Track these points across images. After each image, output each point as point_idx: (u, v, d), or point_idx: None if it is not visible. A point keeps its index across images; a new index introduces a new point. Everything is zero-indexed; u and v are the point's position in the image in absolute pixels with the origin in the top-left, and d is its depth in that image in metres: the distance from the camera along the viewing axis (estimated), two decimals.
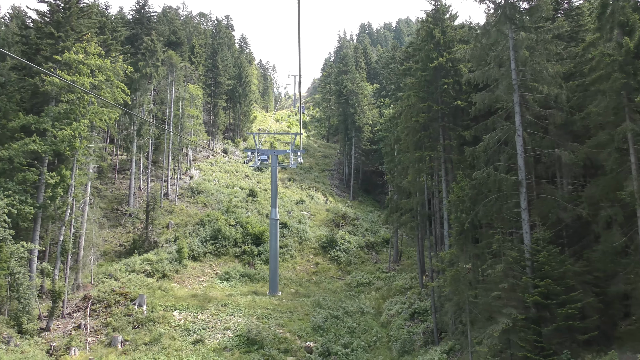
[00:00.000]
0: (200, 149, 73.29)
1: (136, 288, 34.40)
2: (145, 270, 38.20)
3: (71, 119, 29.37)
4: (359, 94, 75.30)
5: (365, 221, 59.40)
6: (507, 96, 20.64)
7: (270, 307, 34.10)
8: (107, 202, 50.00)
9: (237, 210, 51.18)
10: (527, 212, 19.49)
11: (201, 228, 47.34)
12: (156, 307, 31.33)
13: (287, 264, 45.84)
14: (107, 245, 44.18)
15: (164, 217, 49.37)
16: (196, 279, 40.07)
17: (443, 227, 28.18)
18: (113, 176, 54.35)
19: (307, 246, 49.21)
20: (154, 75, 46.98)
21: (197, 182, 57.48)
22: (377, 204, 72.04)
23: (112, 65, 33.09)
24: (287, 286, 41.42)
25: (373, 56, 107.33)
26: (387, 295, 38.97)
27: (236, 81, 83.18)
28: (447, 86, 27.93)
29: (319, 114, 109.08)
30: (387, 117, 67.38)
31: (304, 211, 57.19)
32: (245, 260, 44.80)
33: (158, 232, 46.75)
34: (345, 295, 39.33)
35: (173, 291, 35.57)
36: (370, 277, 43.35)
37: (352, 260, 47.78)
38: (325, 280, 43.65)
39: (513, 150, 20.42)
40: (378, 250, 51.21)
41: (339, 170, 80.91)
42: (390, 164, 44.10)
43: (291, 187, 66.61)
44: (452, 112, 28.42)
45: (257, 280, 41.59)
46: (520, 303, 18.24)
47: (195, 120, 62.22)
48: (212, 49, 78.64)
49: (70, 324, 28.99)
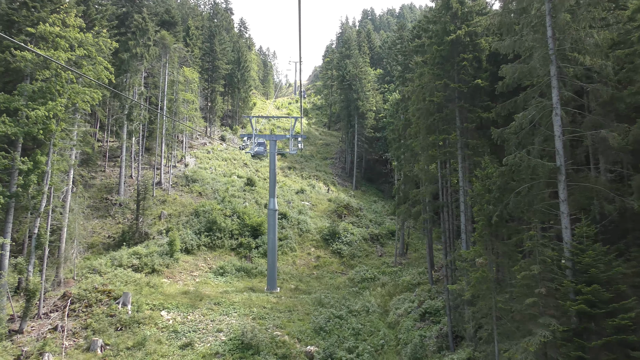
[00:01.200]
0: (197, 136, 70.33)
1: (122, 284, 31.63)
2: (133, 264, 35.42)
3: (47, 98, 26.34)
4: (362, 79, 72.14)
5: (369, 212, 56.55)
6: (542, 68, 17.60)
7: (268, 305, 31.34)
8: (96, 191, 47.15)
9: (234, 200, 48.32)
10: (566, 203, 16.56)
11: (195, 219, 44.53)
12: (142, 306, 28.54)
13: (287, 258, 43.07)
14: (94, 237, 41.40)
15: (156, 207, 46.57)
16: (189, 273, 37.30)
17: (459, 220, 25.27)
18: (103, 164, 51.42)
19: (308, 238, 46.40)
20: (145, 56, 43.83)
21: (192, 170, 54.55)
22: (380, 194, 69.19)
23: (95, 39, 29.99)
24: (287, 281, 38.68)
25: (376, 41, 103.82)
26: (394, 291, 36.23)
27: (234, 66, 79.99)
28: (466, 62, 24.86)
29: (320, 101, 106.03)
30: (393, 102, 64.37)
31: (305, 201, 54.33)
32: (242, 254, 42.02)
33: (149, 223, 43.99)
34: (348, 292, 36.58)
35: (162, 288, 32.79)
36: (375, 272, 40.58)
37: (356, 253, 44.98)
38: (327, 275, 40.89)
39: (549, 132, 17.44)
40: (383, 242, 48.38)
41: (341, 158, 77.97)
42: (397, 151, 41.13)
43: (291, 175, 63.69)
44: (471, 91, 25.37)
45: (254, 275, 38.83)
46: (561, 312, 15.39)
47: (190, 105, 59.19)
48: (209, 31, 75.27)
49: (46, 326, 26.22)
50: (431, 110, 26.48)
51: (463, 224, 25.06)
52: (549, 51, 17.53)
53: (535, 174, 17.17)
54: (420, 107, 26.97)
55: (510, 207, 17.33)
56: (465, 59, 24.95)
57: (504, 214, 17.39)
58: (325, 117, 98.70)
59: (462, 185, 25.15)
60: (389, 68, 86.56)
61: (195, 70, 62.39)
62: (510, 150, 18.14)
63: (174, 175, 53.01)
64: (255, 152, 39.35)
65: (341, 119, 79.08)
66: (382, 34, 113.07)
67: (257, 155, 38.18)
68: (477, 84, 24.45)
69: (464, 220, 25.09)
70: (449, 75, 26.05)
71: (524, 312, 15.94)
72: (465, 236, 24.93)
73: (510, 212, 17.44)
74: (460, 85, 24.79)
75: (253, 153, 39.50)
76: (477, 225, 18.14)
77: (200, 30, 73.91)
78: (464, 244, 24.94)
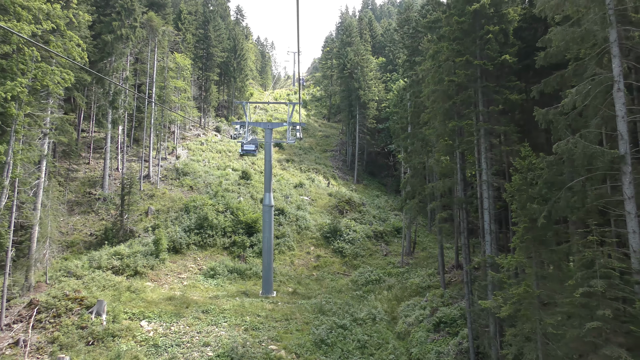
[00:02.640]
0: (190, 126, 66.82)
1: (98, 290, 28.22)
2: (114, 266, 32.00)
3: (6, 78, 22.81)
4: (364, 67, 68.53)
5: (372, 207, 53.17)
6: (601, 31, 14.11)
7: (263, 313, 27.93)
8: (79, 184, 43.68)
9: (228, 195, 44.84)
10: (633, 201, 13.14)
11: (185, 215, 41.08)
12: (119, 316, 25.12)
13: (284, 257, 39.69)
14: (75, 235, 37.99)
15: (143, 202, 43.14)
16: (176, 275, 33.90)
17: (483, 219, 21.83)
18: (87, 155, 47.95)
19: (307, 236, 42.99)
20: (131, 38, 40.16)
21: (184, 162, 51.03)
22: (383, 188, 65.82)
23: (65, 12, 26.38)
24: (284, 284, 35.30)
25: (378, 29, 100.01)
26: (402, 296, 32.90)
27: (230, 54, 76.29)
28: (491, 35, 21.33)
29: (320, 92, 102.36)
30: (398, 90, 60.87)
31: (304, 196, 50.90)
32: (235, 253, 38.61)
33: (135, 219, 40.61)
34: (352, 296, 33.22)
35: (145, 293, 29.36)
36: (381, 273, 37.22)
37: (359, 252, 41.59)
38: (328, 276, 37.53)
39: (610, 112, 13.97)
40: (388, 240, 44.99)
41: (342, 151, 74.49)
42: (405, 142, 37.67)
43: (289, 168, 60.22)
44: (496, 69, 21.87)
45: (248, 277, 35.44)
46: (633, 340, 12.00)
47: (182, 94, 55.61)
48: (203, 17, 71.47)
49: (6, 339, 22.82)
50: (450, 92, 22.98)
51: (487, 224, 21.61)
52: (606, 11, 14.05)
53: (592, 164, 13.72)
54: (437, 89, 23.47)
55: (561, 206, 13.88)
56: (490, 32, 21.41)
57: (552, 215, 13.95)
58: (324, 109, 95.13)
59: (485, 179, 21.69)
60: (392, 56, 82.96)
61: (188, 57, 58.74)
62: (559, 135, 14.67)
63: (164, 168, 49.53)
64: (244, 150, 33.95)
65: (341, 110, 75.54)
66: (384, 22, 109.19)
67: (248, 153, 34.02)
68: (504, 60, 20.95)
69: (487, 219, 21.65)
70: (471, 51, 22.54)
71: (583, 340, 12.53)
72: (489, 238, 21.50)
73: (561, 212, 13.98)
74: (485, 63, 21.26)
75: (242, 152, 34.06)
76: (516, 227, 14.69)
77: (194, 16, 70.15)
78: (487, 247, 21.52)
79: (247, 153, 33.93)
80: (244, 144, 33.31)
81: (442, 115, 23.53)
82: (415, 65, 35.98)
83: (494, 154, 21.55)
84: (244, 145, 33.41)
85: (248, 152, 33.99)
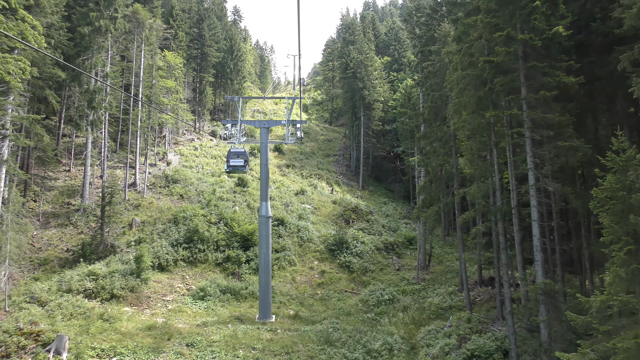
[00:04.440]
0: (184, 131, 62.70)
1: (64, 320, 23.83)
2: (87, 289, 27.62)
3: None
4: (368, 66, 64.42)
5: (380, 215, 48.80)
6: None
7: (259, 345, 23.48)
8: (57, 194, 39.44)
9: (222, 204, 40.52)
10: None
11: (174, 227, 36.75)
12: (85, 353, 20.74)
13: (285, 274, 35.30)
14: (49, 250, 33.75)
15: (127, 212, 38.87)
16: (160, 298, 29.51)
17: (532, 232, 17.44)
18: (68, 162, 43.74)
19: (310, 249, 38.59)
20: (110, 30, 35.96)
21: (174, 169, 46.74)
22: (390, 194, 61.52)
23: None
24: (284, 305, 30.91)
25: (381, 28, 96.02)
26: (421, 319, 28.48)
27: (227, 54, 72.19)
28: (538, 2, 17.01)
29: (321, 96, 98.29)
30: (404, 90, 56.76)
31: (306, 204, 46.57)
32: (229, 270, 34.24)
33: (118, 232, 36.34)
34: (362, 320, 28.77)
35: (121, 321, 24.94)
36: (394, 291, 32.81)
37: (368, 267, 37.17)
38: (334, 295, 33.12)
39: None
40: (400, 253, 40.57)
41: (345, 155, 70.21)
42: (419, 142, 33.43)
43: (290, 174, 55.89)
44: (545, 46, 17.57)
45: (243, 298, 31.06)
46: None
47: (174, 95, 51.49)
48: (197, 15, 67.47)
49: None
50: (484, 77, 18.69)
51: (537, 239, 17.22)
52: None
53: None
54: (467, 75, 19.18)
55: None
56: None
57: None
58: (326, 113, 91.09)
59: (533, 184, 17.32)
60: (397, 55, 78.96)
61: (180, 55, 54.66)
62: None
63: (152, 175, 45.25)
64: (231, 167, 27.40)
65: (344, 112, 71.37)
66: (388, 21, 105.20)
67: (235, 171, 27.76)
68: (555, 33, 16.68)
69: (537, 234, 17.26)
70: (511, 24, 18.26)
71: None
72: (540, 257, 17.11)
73: None
74: (532, 37, 16.95)
75: (228, 169, 27.64)
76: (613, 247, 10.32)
77: (187, 14, 66.14)
78: (538, 269, 17.13)
79: (235, 171, 27.36)
80: (230, 159, 27.02)
81: (474, 106, 19.20)
82: (431, 55, 31.73)
83: (544, 150, 17.18)
84: (230, 159, 27.05)
85: (236, 169, 27.39)
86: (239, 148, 27.37)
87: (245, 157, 27.24)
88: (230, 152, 27.04)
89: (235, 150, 27.18)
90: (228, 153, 27.16)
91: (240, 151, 27.26)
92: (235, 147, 27.28)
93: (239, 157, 27.08)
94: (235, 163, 27.08)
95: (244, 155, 27.27)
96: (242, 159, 27.09)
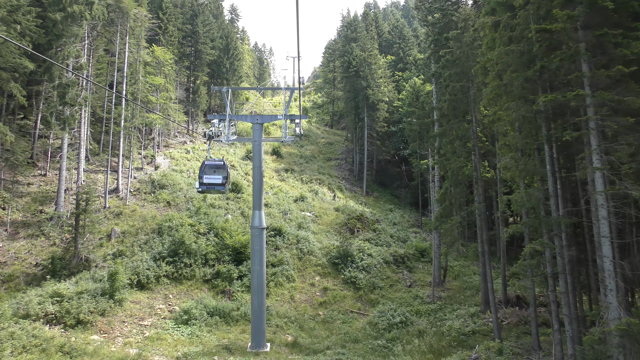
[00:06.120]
0: (176, 133, 58.66)
1: (15, 354, 19.68)
2: (49, 313, 23.49)
3: None
4: (372, 63, 60.55)
5: (387, 224, 44.68)
6: None
7: None
8: (30, 201, 35.38)
9: (212, 212, 36.46)
10: None
11: (157, 238, 32.67)
12: None
13: (282, 291, 31.18)
14: (15, 265, 29.73)
15: (107, 221, 34.83)
16: (136, 322, 25.35)
17: (602, 252, 13.37)
18: (44, 165, 39.68)
19: (311, 263, 34.46)
20: (85, 16, 32.01)
21: (162, 173, 42.64)
22: (396, 200, 57.46)
23: None
24: (282, 330, 26.76)
25: (385, 27, 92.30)
26: (440, 347, 24.38)
27: (223, 53, 68.31)
28: None
29: (321, 99, 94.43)
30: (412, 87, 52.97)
31: (306, 211, 42.49)
32: (219, 287, 30.12)
33: (95, 244, 32.30)
34: (372, 348, 24.62)
35: (85, 355, 20.81)
36: (407, 312, 28.66)
37: (376, 283, 33.03)
38: (338, 316, 28.99)
39: None
40: (411, 266, 36.41)
41: (348, 159, 66.15)
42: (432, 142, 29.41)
43: (289, 179, 51.85)
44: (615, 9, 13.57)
45: (234, 321, 26.91)
46: None
47: (163, 93, 47.56)
48: (191, 11, 63.63)
49: None
50: (534, 52, 14.65)
51: (608, 261, 13.14)
52: None
53: None
54: (512, 51, 15.12)
55: None
56: None
57: None
58: (326, 116, 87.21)
59: (602, 189, 13.26)
60: (402, 54, 75.10)
61: (171, 52, 50.78)
62: None
63: (137, 180, 41.17)
64: (204, 186, 20.66)
65: (347, 114, 67.41)
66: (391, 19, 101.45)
67: (210, 190, 21.06)
68: None
69: (608, 254, 13.18)
70: None
71: None
72: (613, 284, 13.02)
73: None
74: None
75: (200, 188, 20.74)
76: None
77: (180, 9, 62.31)
78: (611, 299, 13.03)
79: (209, 190, 20.72)
80: (204, 174, 20.33)
81: (520, 90, 15.16)
82: (448, 41, 27.80)
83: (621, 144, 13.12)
84: (203, 174, 20.38)
85: (211, 188, 20.65)
86: (217, 160, 21.19)
87: (224, 172, 20.70)
88: (204, 165, 20.57)
89: (211, 163, 20.75)
90: (201, 166, 20.64)
91: (217, 164, 20.88)
92: (212, 159, 21.09)
93: (215, 172, 20.50)
94: (210, 180, 20.44)
95: (223, 170, 20.71)
96: (221, 174, 20.57)
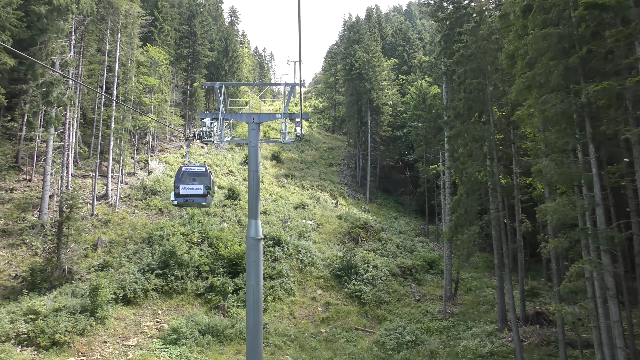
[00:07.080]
0: (172, 137, 56.50)
1: None
2: (20, 333, 21.14)
3: None
4: (376, 66, 58.45)
5: (392, 232, 42.32)
6: None
7: None
8: (12, 208, 33.10)
9: (207, 220, 34.18)
10: None
11: (147, 248, 30.35)
12: None
13: (281, 306, 28.80)
14: None
15: (94, 230, 32.55)
16: (120, 343, 22.98)
17: None
18: (29, 169, 37.42)
19: (313, 275, 32.09)
20: (72, 9, 29.89)
21: (155, 178, 40.40)
22: (400, 207, 55.10)
23: None
24: (280, 350, 24.40)
25: (388, 29, 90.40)
26: None
27: (221, 55, 66.30)
28: None
29: (322, 104, 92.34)
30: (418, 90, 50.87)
31: (307, 219, 40.17)
32: (213, 302, 27.75)
33: (79, 254, 30.01)
34: None
35: None
36: (417, 330, 26.30)
37: (383, 297, 30.65)
38: (342, 334, 26.60)
39: None
40: (419, 278, 34.04)
41: (350, 165, 63.83)
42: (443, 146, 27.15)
43: (289, 185, 49.55)
44: None
45: (228, 340, 24.55)
46: None
47: (158, 94, 45.37)
48: (189, 11, 61.63)
49: None
50: (577, 35, 12.42)
51: None
52: None
53: None
54: (549, 34, 12.87)
55: None
56: None
57: None
58: (328, 121, 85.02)
59: None
60: (406, 56, 73.08)
61: (166, 52, 48.67)
62: None
63: (129, 186, 38.91)
64: (180, 198, 15.46)
65: (349, 118, 65.18)
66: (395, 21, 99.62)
67: (187, 203, 15.40)
68: None
69: None
70: None
71: None
72: None
73: None
74: None
75: (176, 201, 15.41)
76: None
77: (177, 9, 60.31)
78: None
79: (188, 203, 15.67)
80: (181, 184, 15.31)
81: (559, 80, 12.90)
82: (462, 36, 25.65)
83: None
84: (179, 184, 15.24)
85: (189, 199, 15.57)
86: (197, 165, 16.02)
87: (206, 180, 15.86)
88: (181, 171, 15.57)
89: (190, 169, 15.75)
90: (177, 174, 15.56)
91: (197, 170, 15.94)
92: (190, 164, 16.06)
93: (195, 181, 15.64)
94: (188, 190, 15.55)
95: (205, 178, 15.89)
96: (202, 183, 15.79)
